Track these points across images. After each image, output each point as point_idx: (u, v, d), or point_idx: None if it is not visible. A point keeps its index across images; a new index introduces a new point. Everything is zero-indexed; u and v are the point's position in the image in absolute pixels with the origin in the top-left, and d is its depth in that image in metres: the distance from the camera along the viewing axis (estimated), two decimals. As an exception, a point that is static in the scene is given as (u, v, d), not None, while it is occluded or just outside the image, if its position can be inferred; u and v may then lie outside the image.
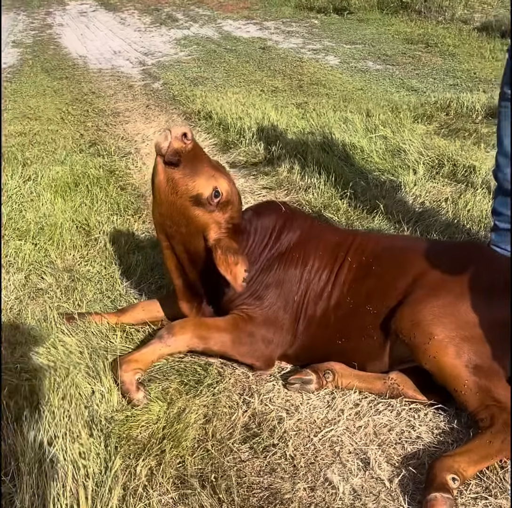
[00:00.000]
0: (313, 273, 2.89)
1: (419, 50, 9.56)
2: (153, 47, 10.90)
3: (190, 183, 2.65)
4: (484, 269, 2.69)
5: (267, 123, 5.90)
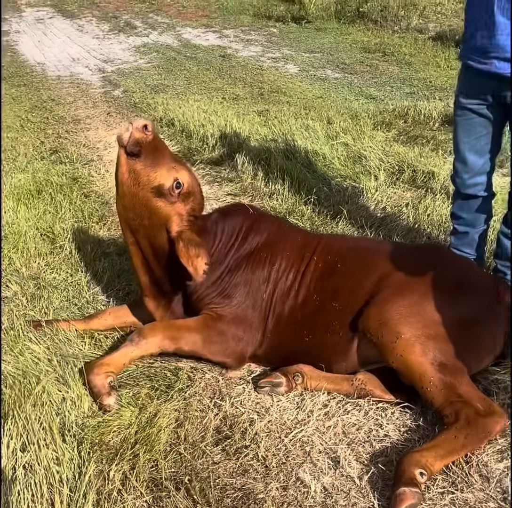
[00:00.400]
0: (281, 273, 2.96)
1: (376, 59, 9.73)
2: (112, 54, 10.85)
3: (152, 174, 2.70)
4: (447, 270, 2.79)
5: (230, 130, 5.95)
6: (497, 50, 2.93)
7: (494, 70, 2.98)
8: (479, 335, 2.70)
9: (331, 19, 12.49)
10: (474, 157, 3.29)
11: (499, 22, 2.87)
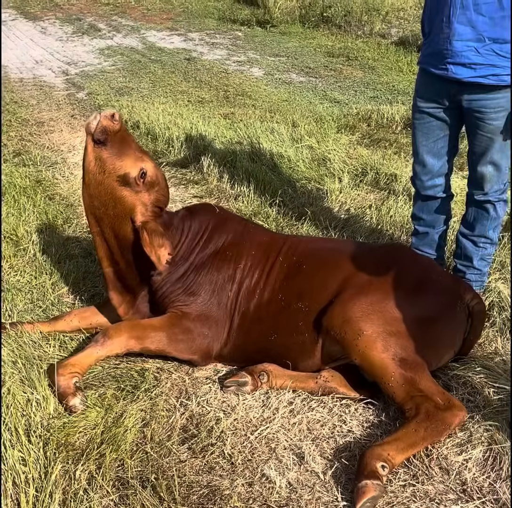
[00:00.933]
0: (246, 271, 3.01)
1: (340, 63, 9.84)
2: (76, 56, 10.75)
3: (118, 162, 2.75)
4: (408, 269, 2.87)
5: (196, 133, 5.97)
6: (453, 56, 3.02)
7: (451, 75, 3.07)
8: (439, 332, 2.77)
9: (295, 23, 12.58)
10: (432, 159, 3.37)
11: (455, 28, 2.96)
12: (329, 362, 2.89)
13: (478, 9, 2.90)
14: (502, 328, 3.19)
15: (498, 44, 2.93)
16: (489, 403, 2.74)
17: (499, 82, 3.00)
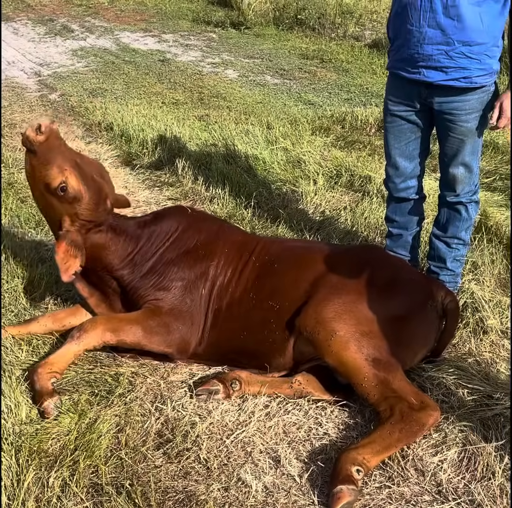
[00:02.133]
0: (219, 269, 3.03)
1: (314, 65, 9.87)
2: (48, 57, 10.65)
3: (43, 171, 2.84)
4: (381, 269, 2.89)
5: (170, 135, 5.93)
6: (425, 59, 3.04)
7: (423, 78, 3.09)
8: (412, 330, 2.79)
9: (269, 25, 12.59)
10: (404, 162, 3.40)
11: (425, 32, 2.98)
12: (301, 362, 2.90)
13: (447, 13, 2.92)
14: (475, 329, 3.22)
15: (468, 46, 2.95)
16: (463, 404, 2.76)
17: (471, 84, 3.03)
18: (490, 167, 5.19)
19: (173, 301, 2.96)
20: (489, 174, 5.07)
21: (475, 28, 2.92)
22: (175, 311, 2.95)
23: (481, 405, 2.74)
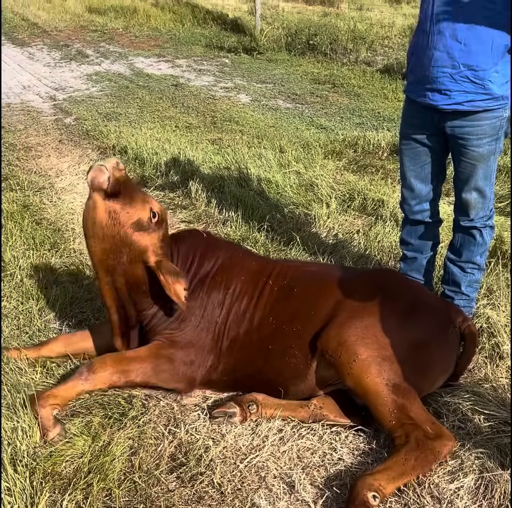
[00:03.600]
0: (236, 296, 3.00)
1: (326, 90, 9.94)
2: (63, 82, 10.79)
3: (131, 210, 2.75)
4: (400, 293, 2.89)
5: (183, 158, 5.98)
6: (430, 82, 3.06)
7: (429, 101, 3.11)
8: (432, 356, 2.77)
9: (282, 51, 12.72)
10: (420, 184, 3.40)
11: (432, 55, 3.01)
12: (321, 386, 2.87)
13: (454, 35, 2.93)
14: (491, 354, 3.19)
15: (473, 71, 2.96)
16: (479, 430, 2.73)
17: (474, 108, 3.03)
18: (504, 192, 5.18)
19: (189, 334, 2.93)
20: (503, 199, 5.06)
21: (481, 53, 2.93)
22: (188, 345, 2.92)
23: (498, 431, 2.71)
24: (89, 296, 3.73)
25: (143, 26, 16.51)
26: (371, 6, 16.94)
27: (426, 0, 3.03)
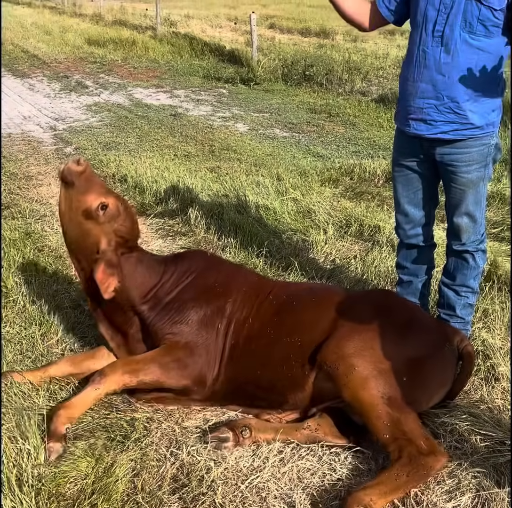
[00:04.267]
0: (236, 306, 3.10)
1: (322, 119, 10.11)
2: (63, 112, 10.95)
3: (82, 197, 2.97)
4: (398, 310, 2.98)
5: (182, 186, 6.08)
6: (415, 112, 3.17)
7: (413, 131, 3.22)
8: (430, 372, 2.83)
9: (278, 81, 12.96)
10: (413, 209, 3.49)
11: (418, 87, 3.13)
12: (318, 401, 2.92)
13: (439, 69, 3.06)
14: (487, 376, 3.24)
15: (455, 103, 3.07)
16: (476, 450, 2.78)
17: (460, 137, 3.13)
18: (498, 218, 5.28)
19: (189, 335, 3.03)
20: (496, 225, 5.15)
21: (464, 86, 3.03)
22: (191, 344, 3.02)
23: (494, 451, 2.76)
24: (91, 322, 3.78)
25: (141, 57, 16.80)
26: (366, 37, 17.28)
27: (414, 35, 3.17)
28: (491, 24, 2.99)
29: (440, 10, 3.05)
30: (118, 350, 3.22)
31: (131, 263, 3.13)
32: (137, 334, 3.20)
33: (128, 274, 3.10)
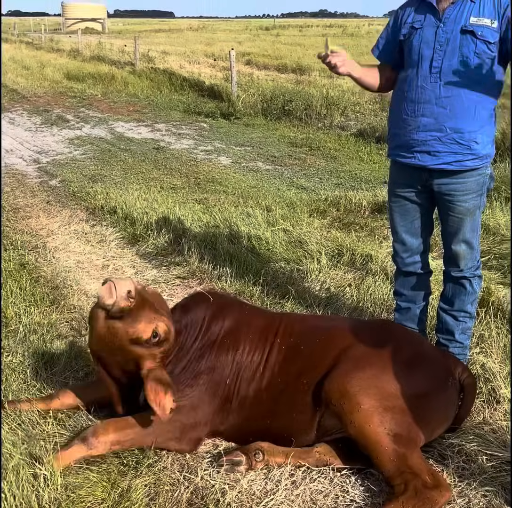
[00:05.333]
0: (245, 356, 3.06)
1: (303, 153, 10.30)
2: (46, 146, 11.00)
3: (130, 329, 2.79)
4: (401, 344, 3.01)
5: (173, 217, 6.14)
6: (419, 145, 3.30)
7: (418, 162, 3.34)
8: (433, 406, 2.87)
9: (258, 115, 13.19)
10: (411, 238, 3.60)
11: (420, 121, 3.27)
12: (326, 436, 2.96)
13: (439, 103, 3.21)
14: (489, 399, 3.32)
15: (459, 133, 3.22)
16: (483, 470, 2.84)
17: (462, 167, 3.27)
18: (484, 247, 5.42)
19: (197, 397, 2.97)
20: (483, 254, 5.28)
21: (466, 117, 3.19)
22: (195, 408, 2.96)
23: (501, 470, 2.82)
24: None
25: (121, 92, 16.99)
26: (341, 74, 17.66)
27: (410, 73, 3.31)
28: (487, 56, 3.16)
29: (436, 48, 3.21)
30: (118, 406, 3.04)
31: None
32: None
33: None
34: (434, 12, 3.24)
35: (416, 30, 3.29)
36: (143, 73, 18.59)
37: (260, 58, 24.13)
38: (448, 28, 3.19)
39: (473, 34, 3.13)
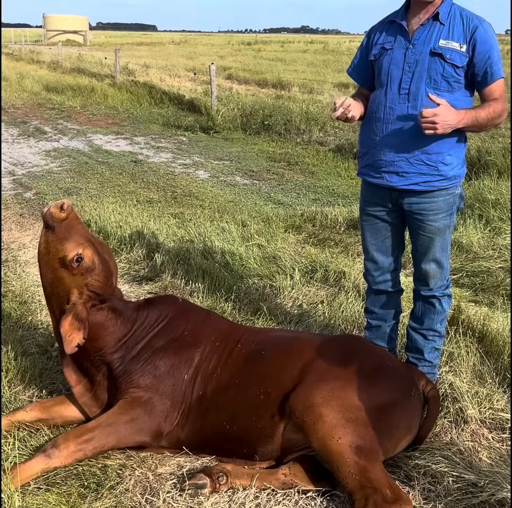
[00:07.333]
0: (205, 355, 3.11)
1: (282, 168, 10.31)
2: (22, 158, 10.91)
3: (59, 245, 2.97)
4: (365, 357, 3.01)
5: (147, 231, 6.10)
6: (387, 166, 3.31)
7: (386, 183, 3.35)
8: (396, 418, 2.87)
9: (237, 130, 13.21)
10: (382, 256, 3.59)
11: (387, 142, 3.28)
12: (288, 452, 2.93)
13: (407, 124, 3.21)
14: (456, 419, 3.30)
15: (426, 154, 3.22)
16: (449, 493, 2.81)
17: (431, 188, 3.28)
18: (456, 265, 5.44)
19: (154, 387, 3.02)
20: (456, 271, 5.31)
21: (434, 139, 3.18)
22: (153, 399, 3.00)
23: (467, 492, 2.80)
24: (59, 368, 3.72)
25: (100, 105, 16.94)
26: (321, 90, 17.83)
27: (379, 94, 3.32)
28: (454, 80, 3.17)
29: (405, 69, 3.22)
30: (81, 396, 3.17)
31: (102, 313, 3.11)
32: (103, 381, 3.18)
33: (99, 323, 3.09)
34: (404, 34, 3.25)
35: (387, 51, 3.30)
36: (123, 86, 18.56)
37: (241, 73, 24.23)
38: (417, 49, 3.20)
39: (442, 57, 3.14)
